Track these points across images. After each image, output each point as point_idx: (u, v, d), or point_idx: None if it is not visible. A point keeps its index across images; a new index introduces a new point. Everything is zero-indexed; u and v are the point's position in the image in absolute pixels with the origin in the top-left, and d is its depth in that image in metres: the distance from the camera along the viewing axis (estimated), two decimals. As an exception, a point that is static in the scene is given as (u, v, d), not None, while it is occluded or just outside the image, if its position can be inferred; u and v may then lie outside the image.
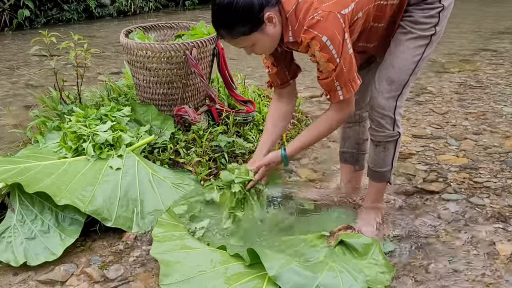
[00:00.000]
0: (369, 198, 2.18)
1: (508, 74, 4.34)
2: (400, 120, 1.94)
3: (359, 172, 2.38)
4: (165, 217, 1.99)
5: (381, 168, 2.04)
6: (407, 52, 1.84)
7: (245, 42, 1.72)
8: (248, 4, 1.62)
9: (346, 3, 1.66)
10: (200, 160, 2.53)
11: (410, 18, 1.81)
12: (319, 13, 1.63)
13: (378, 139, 1.97)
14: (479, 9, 7.65)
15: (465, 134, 3.07)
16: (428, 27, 1.80)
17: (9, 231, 1.98)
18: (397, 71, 1.86)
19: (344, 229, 1.93)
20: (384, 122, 1.92)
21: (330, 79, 1.73)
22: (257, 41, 1.72)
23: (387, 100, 1.89)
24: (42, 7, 7.16)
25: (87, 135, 2.35)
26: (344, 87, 1.75)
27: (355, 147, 2.31)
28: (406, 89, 1.90)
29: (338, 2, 1.65)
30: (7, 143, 2.95)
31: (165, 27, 3.07)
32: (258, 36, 1.70)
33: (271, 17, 1.67)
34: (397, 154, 2.02)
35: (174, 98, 2.74)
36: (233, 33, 1.69)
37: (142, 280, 1.84)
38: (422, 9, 1.79)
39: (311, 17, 1.64)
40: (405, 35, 1.83)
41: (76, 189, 2.09)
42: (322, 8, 1.63)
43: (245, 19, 1.64)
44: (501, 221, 2.16)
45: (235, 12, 1.62)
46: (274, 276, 1.60)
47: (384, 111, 1.90)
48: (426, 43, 1.83)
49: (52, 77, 3.11)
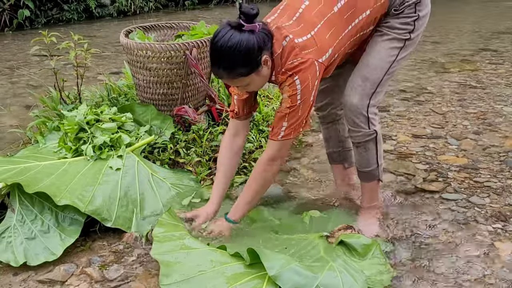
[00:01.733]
0: (365, 198, 2.18)
1: (508, 74, 4.33)
2: (375, 118, 1.97)
3: (349, 169, 2.39)
4: (165, 217, 1.99)
5: (368, 168, 2.06)
6: (382, 52, 1.92)
7: (241, 82, 1.78)
8: (250, 48, 1.67)
9: (324, 51, 1.76)
10: (200, 160, 2.53)
11: (387, 24, 1.92)
12: (298, 59, 1.72)
13: (357, 140, 2.00)
14: (479, 9, 7.65)
15: (465, 134, 3.07)
16: (403, 32, 1.90)
17: (9, 231, 1.98)
18: (372, 69, 1.92)
19: (344, 229, 1.93)
20: (358, 121, 1.95)
21: (283, 115, 1.80)
22: (252, 81, 1.78)
23: (360, 97, 1.93)
24: (42, 7, 7.16)
25: (86, 137, 2.35)
26: (287, 128, 1.81)
27: (339, 145, 2.33)
28: (380, 88, 1.95)
29: (317, 50, 1.74)
30: (7, 143, 2.95)
31: (165, 27, 3.07)
32: (254, 77, 1.75)
33: (267, 60, 1.73)
34: (380, 151, 2.04)
35: (174, 98, 2.74)
36: (232, 74, 1.73)
37: (142, 280, 1.84)
38: (398, 18, 1.89)
39: (291, 62, 1.72)
40: (381, 37, 1.93)
41: (76, 189, 2.09)
42: (302, 55, 1.72)
43: (246, 62, 1.70)
44: (501, 220, 2.16)
45: (238, 55, 1.67)
46: (274, 276, 1.60)
47: (357, 109, 1.93)
48: (400, 46, 1.92)
49: (52, 77, 3.11)
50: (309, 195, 2.38)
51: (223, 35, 1.67)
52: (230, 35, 1.66)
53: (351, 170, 2.38)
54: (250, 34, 1.66)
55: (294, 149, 2.90)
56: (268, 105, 3.21)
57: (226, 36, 1.66)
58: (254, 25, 1.66)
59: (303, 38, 1.73)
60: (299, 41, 1.72)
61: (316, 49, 1.74)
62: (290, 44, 1.72)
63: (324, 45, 1.76)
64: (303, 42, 1.73)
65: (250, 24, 1.65)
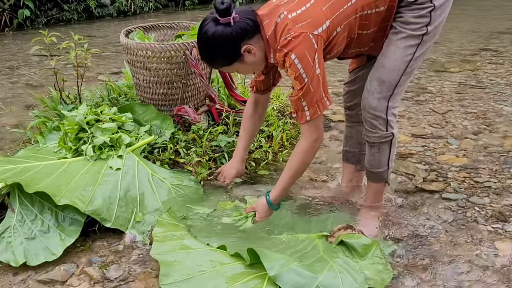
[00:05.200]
0: (369, 198, 2.18)
1: (508, 74, 4.33)
2: (394, 120, 1.94)
3: (360, 172, 2.38)
4: (165, 217, 1.99)
5: (378, 169, 2.04)
6: (397, 52, 1.83)
7: (228, 70, 1.95)
8: (224, 40, 1.73)
9: (319, 23, 1.71)
10: (200, 160, 2.53)
11: (401, 19, 1.82)
12: (291, 34, 1.69)
13: (372, 140, 1.97)
14: (479, 9, 7.65)
15: (465, 134, 3.07)
16: (419, 27, 1.79)
17: (9, 231, 1.98)
18: (388, 72, 1.86)
19: (344, 229, 1.93)
20: (376, 123, 1.92)
21: (297, 97, 1.77)
22: (239, 69, 1.89)
23: (378, 100, 1.88)
24: (42, 7, 7.16)
25: (86, 137, 2.35)
26: (311, 107, 1.77)
27: (357, 147, 2.30)
28: (398, 89, 1.89)
29: (311, 23, 1.70)
30: (7, 143, 2.95)
31: (165, 27, 3.07)
32: (239, 65, 1.83)
33: (250, 49, 1.77)
34: (393, 154, 2.02)
35: (174, 98, 2.74)
36: (214, 64, 1.94)
37: (142, 280, 1.84)
38: (412, 10, 1.79)
39: (284, 38, 1.70)
40: (396, 35, 1.84)
41: (76, 189, 2.09)
42: (295, 29, 1.69)
43: (223, 53, 1.78)
44: (501, 220, 2.16)
45: (214, 47, 1.77)
46: (274, 276, 1.60)
47: (376, 112, 1.90)
48: (417, 42, 1.82)
49: (52, 77, 3.11)
50: (309, 195, 2.38)
51: (202, 27, 1.77)
52: (207, 29, 1.75)
53: (362, 173, 2.37)
54: (225, 27, 1.71)
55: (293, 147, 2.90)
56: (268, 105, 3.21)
57: (204, 29, 1.75)
58: (227, 18, 1.70)
59: (297, 11, 1.71)
60: (293, 16, 1.70)
61: (311, 21, 1.70)
62: (283, 20, 1.71)
63: (319, 16, 1.71)
64: (296, 15, 1.70)
65: (224, 17, 1.70)
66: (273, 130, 2.82)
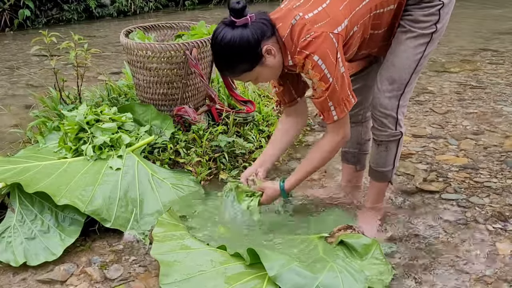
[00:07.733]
0: (370, 198, 2.18)
1: (508, 74, 4.33)
2: (402, 119, 1.94)
3: (360, 172, 2.38)
4: (165, 217, 1.99)
5: (383, 168, 2.04)
6: (408, 51, 1.83)
7: (248, 77, 1.78)
8: (245, 42, 1.66)
9: (338, 22, 1.67)
10: (200, 160, 2.53)
11: (410, 17, 1.80)
12: (311, 34, 1.64)
13: (381, 138, 1.97)
14: (480, 9, 7.65)
15: (465, 134, 3.07)
16: (429, 25, 1.79)
17: (9, 231, 1.98)
18: (398, 70, 1.85)
19: (344, 229, 1.93)
20: (386, 121, 1.92)
21: (323, 98, 1.74)
22: (260, 74, 1.77)
23: (389, 99, 1.88)
24: (42, 7, 7.15)
25: (86, 137, 2.35)
26: (337, 106, 1.75)
27: (357, 147, 2.30)
28: (409, 88, 1.89)
29: (330, 22, 1.66)
30: (7, 143, 2.95)
31: (165, 27, 3.07)
32: (260, 70, 1.74)
33: (269, 49, 1.70)
34: (399, 153, 2.02)
35: (174, 98, 2.74)
36: (235, 72, 1.77)
37: (142, 280, 1.84)
38: (422, 8, 1.78)
39: (304, 39, 1.66)
40: (405, 34, 1.83)
41: (75, 189, 2.09)
42: (314, 29, 1.65)
43: (245, 57, 1.69)
44: (501, 220, 2.16)
45: (234, 52, 1.67)
46: (274, 276, 1.60)
47: (387, 111, 1.90)
48: (426, 41, 1.82)
49: (52, 77, 3.11)
50: (309, 196, 2.38)
51: (217, 35, 1.68)
52: (223, 35, 1.66)
53: (361, 173, 2.37)
54: (243, 29, 1.65)
55: (294, 149, 2.90)
56: (268, 105, 3.21)
57: (219, 36, 1.67)
58: (245, 18, 1.65)
59: (313, 12, 1.66)
60: (310, 16, 1.66)
61: (329, 21, 1.66)
62: (300, 22, 1.66)
63: (338, 15, 1.67)
64: (313, 16, 1.66)
65: (240, 18, 1.64)
66: (273, 130, 2.82)
